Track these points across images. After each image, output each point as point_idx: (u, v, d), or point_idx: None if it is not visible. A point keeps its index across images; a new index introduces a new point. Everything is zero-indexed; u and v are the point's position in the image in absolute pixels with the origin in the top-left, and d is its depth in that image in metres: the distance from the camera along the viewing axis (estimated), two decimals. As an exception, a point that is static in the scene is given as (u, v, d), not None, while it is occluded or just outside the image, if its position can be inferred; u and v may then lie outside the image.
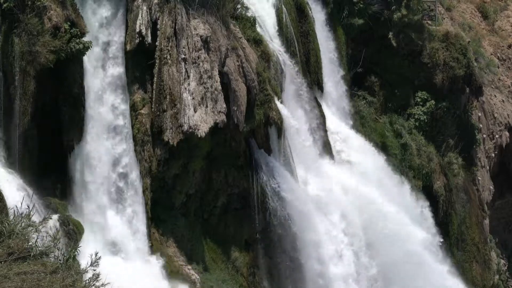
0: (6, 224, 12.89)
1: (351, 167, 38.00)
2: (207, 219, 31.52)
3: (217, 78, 29.58)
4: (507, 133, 50.03)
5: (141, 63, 29.01)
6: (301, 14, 37.48)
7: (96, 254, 12.33)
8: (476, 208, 45.45)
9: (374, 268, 35.45)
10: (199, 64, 29.29)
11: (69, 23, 25.70)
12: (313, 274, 33.23)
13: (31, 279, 11.70)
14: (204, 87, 29.17)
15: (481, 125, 46.89)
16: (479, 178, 46.47)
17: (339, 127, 38.85)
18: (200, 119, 28.85)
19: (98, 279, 11.80)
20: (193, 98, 28.87)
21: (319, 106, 36.86)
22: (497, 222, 50.62)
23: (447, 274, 39.26)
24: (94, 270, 12.11)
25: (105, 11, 28.19)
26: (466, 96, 45.08)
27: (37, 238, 13.03)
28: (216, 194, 31.64)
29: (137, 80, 28.97)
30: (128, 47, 28.30)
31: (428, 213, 40.48)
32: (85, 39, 26.04)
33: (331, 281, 33.64)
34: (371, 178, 38.02)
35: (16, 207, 13.89)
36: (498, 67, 51.77)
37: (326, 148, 36.84)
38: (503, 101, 50.61)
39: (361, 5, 40.56)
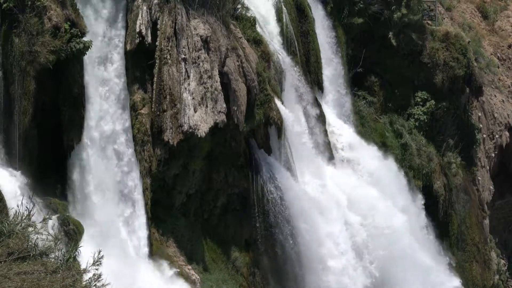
0: (6, 224, 12.87)
1: (351, 167, 38.00)
2: (207, 219, 31.51)
3: (217, 78, 29.58)
4: (507, 133, 50.04)
5: (141, 63, 29.00)
6: (301, 14, 37.47)
7: (99, 253, 12.30)
8: (476, 208, 45.44)
9: (374, 267, 35.44)
10: (199, 64, 29.28)
11: (69, 23, 25.66)
12: (314, 274, 33.23)
13: (31, 279, 11.69)
14: (204, 87, 29.17)
15: (481, 125, 46.89)
16: (479, 178, 46.46)
17: (339, 127, 38.84)
18: (200, 119, 28.84)
19: (99, 279, 11.77)
20: (193, 98, 28.86)
21: (319, 106, 36.86)
22: (497, 222, 50.61)
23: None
24: (97, 269, 12.07)
25: (105, 11, 28.16)
26: (466, 96, 45.07)
27: (37, 238, 13.02)
28: (216, 194, 31.63)
29: (137, 80, 28.95)
30: (128, 47, 28.28)
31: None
32: (85, 38, 26.00)
33: (332, 280, 33.63)
34: (371, 178, 38.03)
35: (18, 206, 13.87)
36: (498, 67, 51.78)
37: (326, 148, 36.83)
38: (503, 101, 50.61)
39: (361, 5, 40.57)
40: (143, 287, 27.03)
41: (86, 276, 12.28)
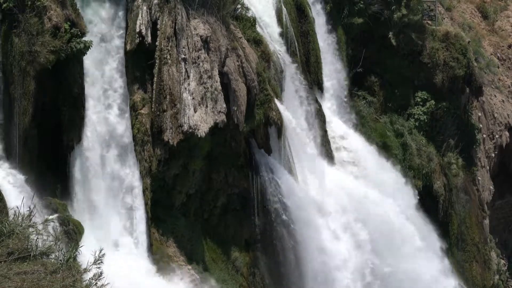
0: (6, 224, 12.87)
1: (350, 167, 38.00)
2: (207, 219, 31.51)
3: (217, 78, 29.57)
4: (507, 133, 50.04)
5: (141, 63, 29.00)
6: (301, 14, 37.47)
7: (100, 251, 12.28)
8: (476, 208, 45.44)
9: (374, 267, 35.44)
10: (199, 64, 29.27)
11: (69, 23, 25.67)
12: (314, 274, 33.23)
13: (31, 279, 11.68)
14: (204, 87, 29.17)
15: (481, 125, 46.89)
16: (479, 178, 46.46)
17: (339, 127, 38.85)
18: (200, 119, 28.84)
19: (101, 277, 11.76)
20: (193, 98, 28.86)
21: (319, 106, 36.86)
22: (497, 222, 50.61)
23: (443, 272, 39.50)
24: (98, 268, 12.06)
25: (105, 11, 28.16)
26: (466, 96, 45.07)
27: (37, 238, 13.01)
28: (216, 194, 31.63)
29: (137, 80, 28.95)
30: (128, 47, 28.28)
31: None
32: (86, 38, 25.99)
33: (332, 280, 33.64)
34: (370, 178, 38.04)
35: (17, 207, 13.87)
36: (498, 67, 51.78)
37: (326, 148, 36.84)
38: (503, 101, 50.61)
39: (361, 5, 40.56)
40: (143, 287, 27.04)
41: (87, 276, 12.28)
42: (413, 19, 42.35)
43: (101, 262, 12.16)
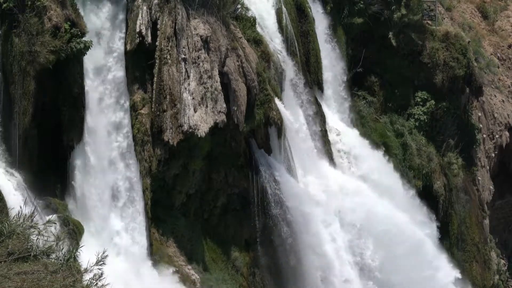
0: (6, 224, 12.86)
1: (350, 167, 38.00)
2: (207, 219, 31.52)
3: (217, 78, 29.57)
4: (507, 133, 50.04)
5: (141, 63, 28.99)
6: (301, 14, 37.47)
7: (103, 252, 12.28)
8: (476, 208, 45.44)
9: (374, 266, 35.44)
10: (199, 64, 29.27)
11: (69, 23, 25.66)
12: (313, 274, 33.22)
13: (31, 279, 11.68)
14: (204, 87, 29.17)
15: (481, 125, 46.89)
16: (479, 178, 46.46)
17: (338, 126, 38.84)
18: (200, 119, 28.84)
19: (101, 278, 11.77)
20: (193, 98, 28.85)
21: (319, 106, 36.86)
22: (497, 222, 50.62)
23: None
24: (100, 268, 12.06)
25: (105, 11, 28.14)
26: (466, 96, 45.07)
27: (38, 239, 13.00)
28: (216, 194, 31.64)
29: (137, 80, 28.95)
30: (128, 47, 28.27)
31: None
32: (86, 38, 25.98)
33: (331, 280, 33.64)
34: (370, 177, 38.04)
35: (21, 207, 13.86)
36: (498, 67, 51.78)
37: (326, 148, 36.84)
38: (503, 101, 50.60)
39: (361, 5, 40.56)
40: (143, 287, 27.04)
41: (88, 276, 12.27)
42: (413, 19, 42.35)
43: (103, 263, 12.17)
